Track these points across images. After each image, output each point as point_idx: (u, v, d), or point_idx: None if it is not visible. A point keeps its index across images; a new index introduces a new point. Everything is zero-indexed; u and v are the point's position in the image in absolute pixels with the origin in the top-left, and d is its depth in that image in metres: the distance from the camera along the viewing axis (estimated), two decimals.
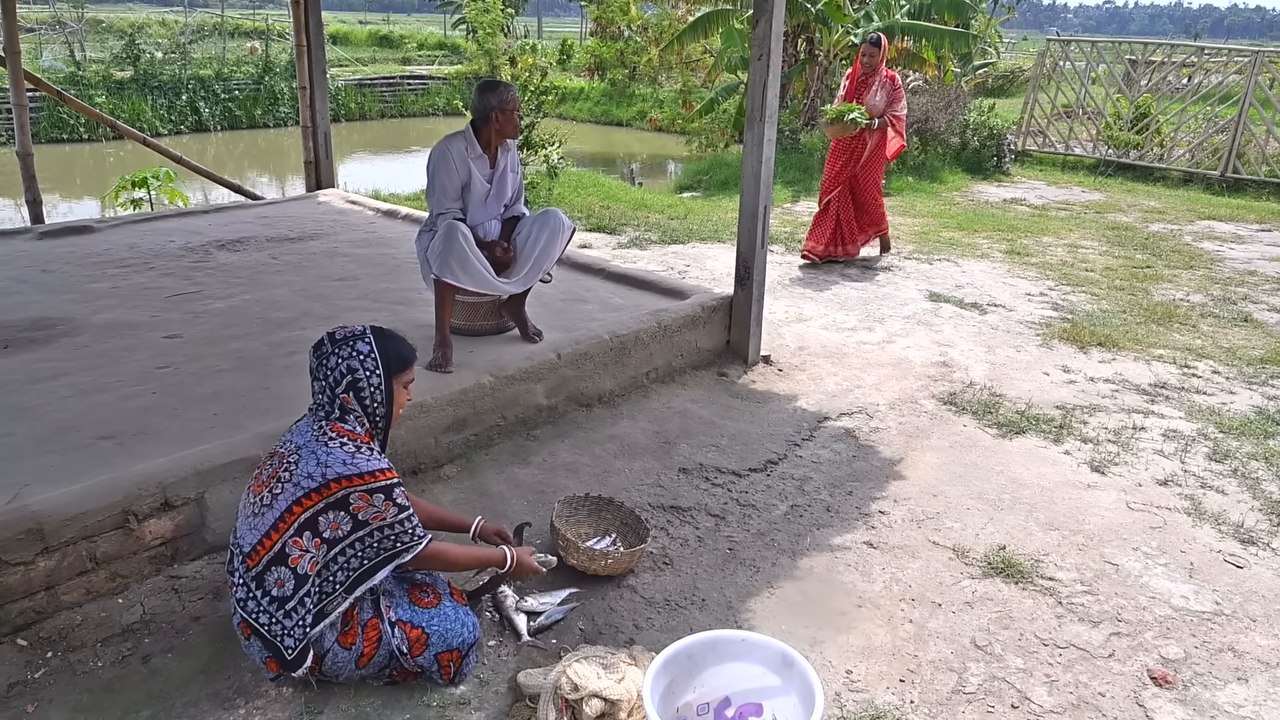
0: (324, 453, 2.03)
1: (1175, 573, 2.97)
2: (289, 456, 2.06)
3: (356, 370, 2.11)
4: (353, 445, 2.07)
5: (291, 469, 2.03)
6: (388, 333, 2.21)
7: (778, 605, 2.72)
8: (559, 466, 3.49)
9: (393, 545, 2.08)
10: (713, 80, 13.93)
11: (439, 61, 28.43)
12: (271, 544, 1.99)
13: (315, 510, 1.99)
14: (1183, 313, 5.78)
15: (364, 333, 2.16)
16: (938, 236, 7.78)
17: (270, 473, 2.07)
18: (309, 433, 2.09)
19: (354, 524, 2.02)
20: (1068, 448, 3.85)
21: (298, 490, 2.00)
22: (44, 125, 16.23)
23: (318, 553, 2.01)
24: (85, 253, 5.23)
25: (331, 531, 2.01)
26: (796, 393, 4.33)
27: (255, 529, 2.02)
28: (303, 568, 2.00)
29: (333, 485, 2.00)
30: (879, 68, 6.39)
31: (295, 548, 1.99)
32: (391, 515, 2.06)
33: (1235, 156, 10.56)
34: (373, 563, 2.07)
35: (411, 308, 4.35)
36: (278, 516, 2.00)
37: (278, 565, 1.99)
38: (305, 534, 2.00)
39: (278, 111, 20.05)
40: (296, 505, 1.99)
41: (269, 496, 2.03)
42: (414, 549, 2.12)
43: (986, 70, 20.54)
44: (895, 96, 6.44)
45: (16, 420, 3.10)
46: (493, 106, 3.59)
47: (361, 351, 2.13)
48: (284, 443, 2.13)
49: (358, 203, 6.85)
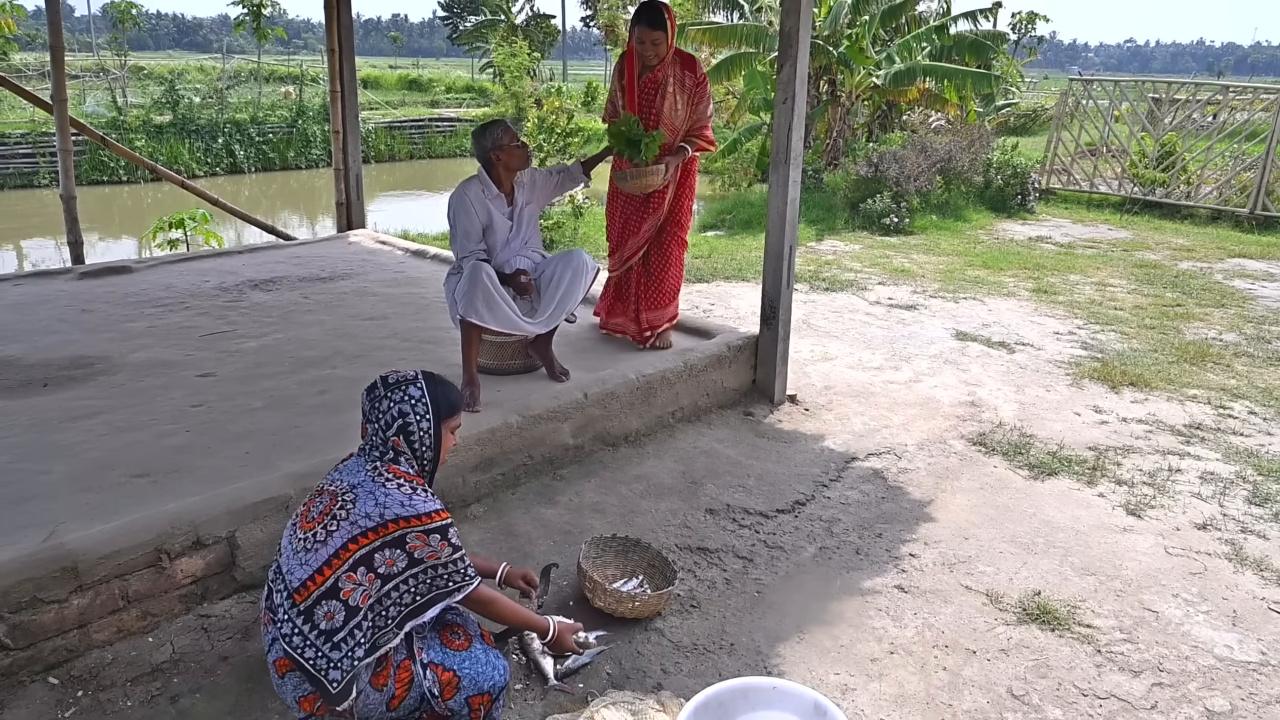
0: (382, 493, 2.06)
1: (1218, 621, 2.89)
2: (343, 495, 2.08)
3: (408, 414, 2.14)
4: (409, 486, 2.09)
5: (348, 507, 2.05)
6: (438, 378, 2.24)
7: (808, 650, 2.68)
8: (585, 506, 3.48)
9: (445, 584, 2.09)
10: (736, 121, 14.09)
11: (466, 104, 29.01)
12: (324, 579, 2.00)
13: (372, 548, 2.01)
14: (1216, 352, 5.70)
15: (416, 378, 2.19)
16: (963, 275, 7.76)
17: (322, 509, 2.08)
18: (363, 472, 2.11)
19: (409, 561, 2.04)
20: (1102, 490, 3.78)
21: (354, 528, 2.02)
22: (85, 168, 16.73)
23: (371, 587, 2.02)
24: (123, 292, 5.35)
25: (387, 567, 2.03)
26: (823, 432, 4.30)
27: (306, 564, 2.03)
28: (354, 600, 2.01)
29: (390, 525, 2.02)
30: (668, 57, 4.13)
31: (348, 581, 2.00)
32: (446, 555, 2.08)
33: (1264, 193, 10.47)
34: (424, 599, 2.09)
35: (440, 346, 4.40)
36: (332, 553, 2.01)
37: (328, 599, 2.00)
38: (360, 569, 2.01)
39: (310, 153, 20.55)
40: (352, 543, 2.01)
41: (322, 533, 2.04)
42: (465, 589, 2.13)
43: (1009, 110, 20.60)
44: (702, 96, 4.20)
45: (54, 458, 3.16)
46: (489, 149, 3.66)
47: (413, 396, 2.16)
48: (333, 480, 2.14)
49: (387, 243, 6.96)
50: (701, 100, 4.20)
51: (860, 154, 10.89)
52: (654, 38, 4.03)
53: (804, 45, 4.08)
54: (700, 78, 4.20)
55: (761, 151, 12.60)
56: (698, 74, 4.19)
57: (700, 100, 4.20)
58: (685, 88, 4.15)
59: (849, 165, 10.88)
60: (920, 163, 10.44)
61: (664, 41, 4.05)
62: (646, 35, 4.03)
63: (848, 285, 7.30)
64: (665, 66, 4.12)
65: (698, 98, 4.19)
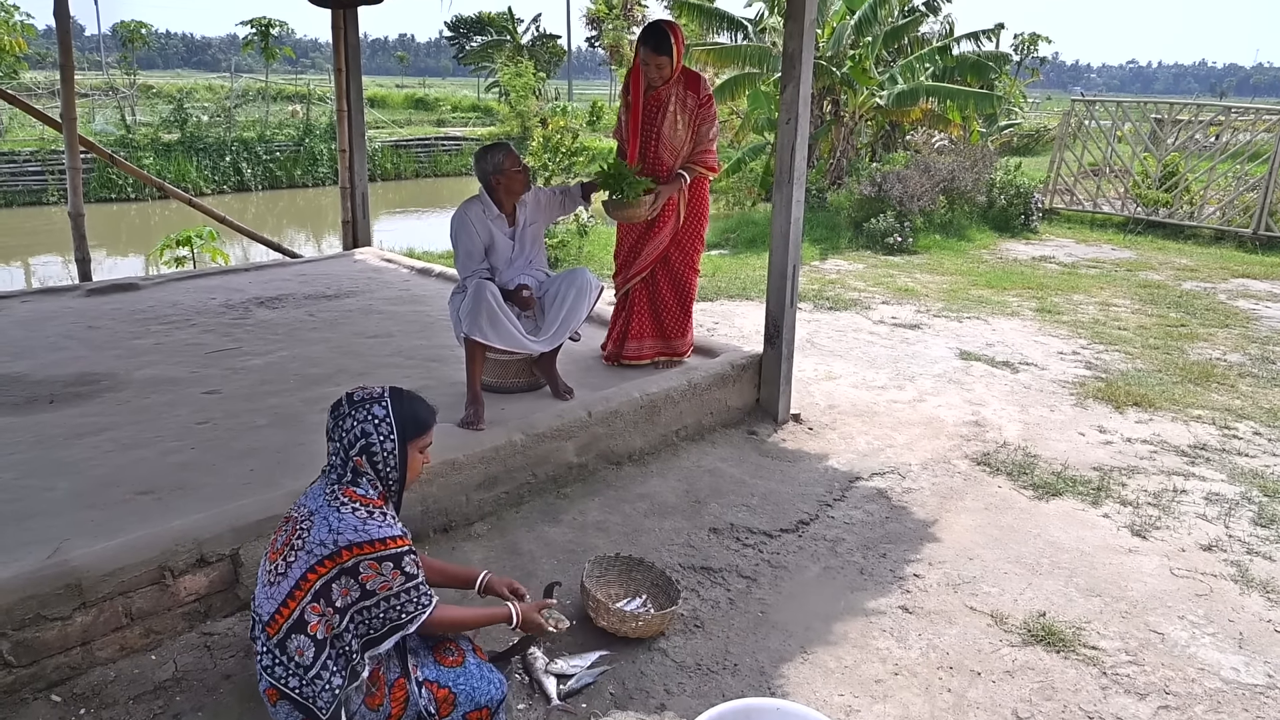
0: (335, 519, 2.01)
1: (1224, 643, 2.87)
2: (302, 522, 2.06)
3: (370, 434, 2.08)
4: (365, 511, 2.04)
5: (304, 536, 2.03)
6: (406, 395, 2.17)
7: (812, 671, 2.67)
8: (589, 525, 3.48)
9: (397, 616, 2.05)
10: (740, 141, 14.17)
11: (472, 123, 29.24)
12: (289, 612, 1.98)
13: (329, 577, 1.99)
14: (1220, 372, 5.69)
15: (381, 396, 2.12)
16: (967, 294, 7.77)
17: (285, 540, 2.07)
18: (321, 497, 2.08)
19: (362, 593, 2.00)
20: (1106, 510, 3.77)
21: (311, 558, 1.99)
22: (93, 185, 16.88)
23: (332, 619, 2.01)
24: (130, 309, 5.38)
25: (343, 598, 2.00)
26: (827, 452, 4.30)
27: (272, 598, 2.02)
28: (320, 633, 2.00)
29: (344, 553, 1.99)
30: (674, 77, 4.10)
31: (313, 614, 1.99)
32: (398, 585, 2.03)
33: (1267, 214, 10.49)
34: (378, 633, 2.06)
35: (444, 365, 4.41)
36: (293, 584, 1.99)
37: (297, 633, 1.99)
38: (320, 600, 2.00)
39: (316, 171, 20.70)
40: (310, 573, 1.98)
41: (283, 564, 2.03)
42: (418, 619, 2.08)
43: (1012, 130, 20.69)
44: (705, 118, 4.14)
45: (59, 475, 3.17)
46: (490, 172, 3.69)
47: (376, 415, 2.09)
48: (298, 506, 2.12)
49: (392, 261, 7.00)
50: (704, 121, 4.13)
51: (864, 174, 10.94)
52: (658, 62, 4.01)
53: (807, 66, 4.11)
54: (704, 97, 4.12)
55: (765, 171, 12.67)
56: (700, 94, 4.12)
57: (703, 121, 4.13)
58: (687, 107, 4.10)
59: (853, 185, 10.93)
60: (924, 182, 10.48)
61: (668, 65, 4.02)
62: (651, 59, 4.02)
63: (851, 304, 7.31)
64: (670, 86, 4.10)
65: (700, 118, 4.12)
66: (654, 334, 4.45)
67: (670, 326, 4.43)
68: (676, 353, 4.47)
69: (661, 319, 4.42)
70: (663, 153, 4.15)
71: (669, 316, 4.41)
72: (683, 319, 4.43)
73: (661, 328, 4.43)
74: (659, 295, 4.40)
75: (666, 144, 4.13)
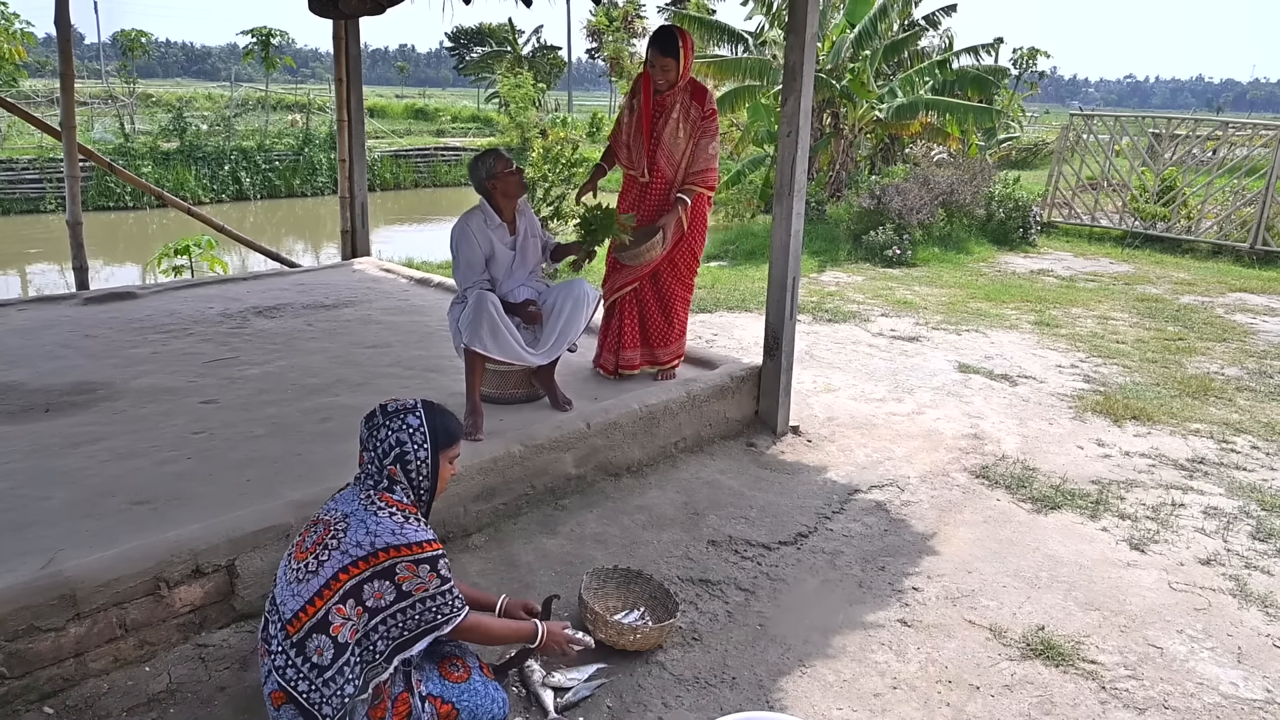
0: (373, 522, 2.05)
1: (1223, 657, 2.86)
2: (336, 524, 2.08)
3: (405, 443, 2.14)
4: (401, 515, 2.09)
5: (339, 536, 2.04)
6: (438, 408, 2.25)
7: (810, 685, 2.65)
8: (587, 537, 3.47)
9: (433, 618, 2.09)
10: (739, 153, 14.22)
11: (472, 133, 29.32)
12: (315, 611, 1.99)
13: (361, 578, 2.01)
14: (1218, 386, 5.70)
15: (415, 407, 2.20)
16: (965, 307, 7.78)
17: (315, 539, 2.08)
18: (356, 501, 2.11)
19: (398, 594, 2.03)
20: (1105, 524, 3.76)
21: (345, 558, 2.01)
22: (92, 194, 16.89)
23: (359, 621, 2.01)
24: (127, 318, 5.37)
25: (375, 600, 2.02)
26: (826, 464, 4.29)
27: (298, 595, 2.02)
28: (343, 636, 2.00)
29: (380, 555, 2.02)
30: (680, 84, 4.10)
31: (338, 615, 2.00)
32: (434, 587, 2.07)
33: (1265, 229, 10.53)
34: (412, 634, 2.07)
35: (443, 375, 4.40)
36: (323, 583, 2.00)
37: (319, 633, 1.99)
38: (349, 601, 2.00)
39: (316, 181, 20.73)
40: (343, 572, 2.00)
41: (314, 563, 2.03)
42: (453, 621, 2.12)
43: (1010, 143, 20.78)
44: (707, 131, 4.12)
45: (54, 484, 3.15)
46: (484, 179, 3.70)
47: (411, 425, 2.16)
48: (328, 510, 2.14)
49: (391, 270, 7.00)
50: (705, 135, 4.10)
51: (863, 186, 10.97)
52: (664, 64, 4.01)
53: (808, 79, 4.13)
54: (708, 111, 4.11)
55: (765, 183, 12.70)
56: (705, 107, 4.11)
57: (704, 135, 4.10)
58: (690, 118, 4.09)
59: (852, 197, 10.96)
60: (923, 195, 10.51)
61: (674, 68, 4.01)
62: (658, 60, 4.02)
63: (850, 317, 7.32)
64: (676, 93, 4.09)
65: (701, 131, 4.10)
66: (641, 343, 4.46)
67: (654, 336, 4.42)
68: (659, 361, 4.44)
69: (647, 328, 4.42)
70: (659, 158, 4.15)
71: (653, 326, 4.40)
72: (666, 329, 4.41)
73: (646, 336, 4.44)
74: (645, 307, 4.39)
75: (665, 150, 4.13)
